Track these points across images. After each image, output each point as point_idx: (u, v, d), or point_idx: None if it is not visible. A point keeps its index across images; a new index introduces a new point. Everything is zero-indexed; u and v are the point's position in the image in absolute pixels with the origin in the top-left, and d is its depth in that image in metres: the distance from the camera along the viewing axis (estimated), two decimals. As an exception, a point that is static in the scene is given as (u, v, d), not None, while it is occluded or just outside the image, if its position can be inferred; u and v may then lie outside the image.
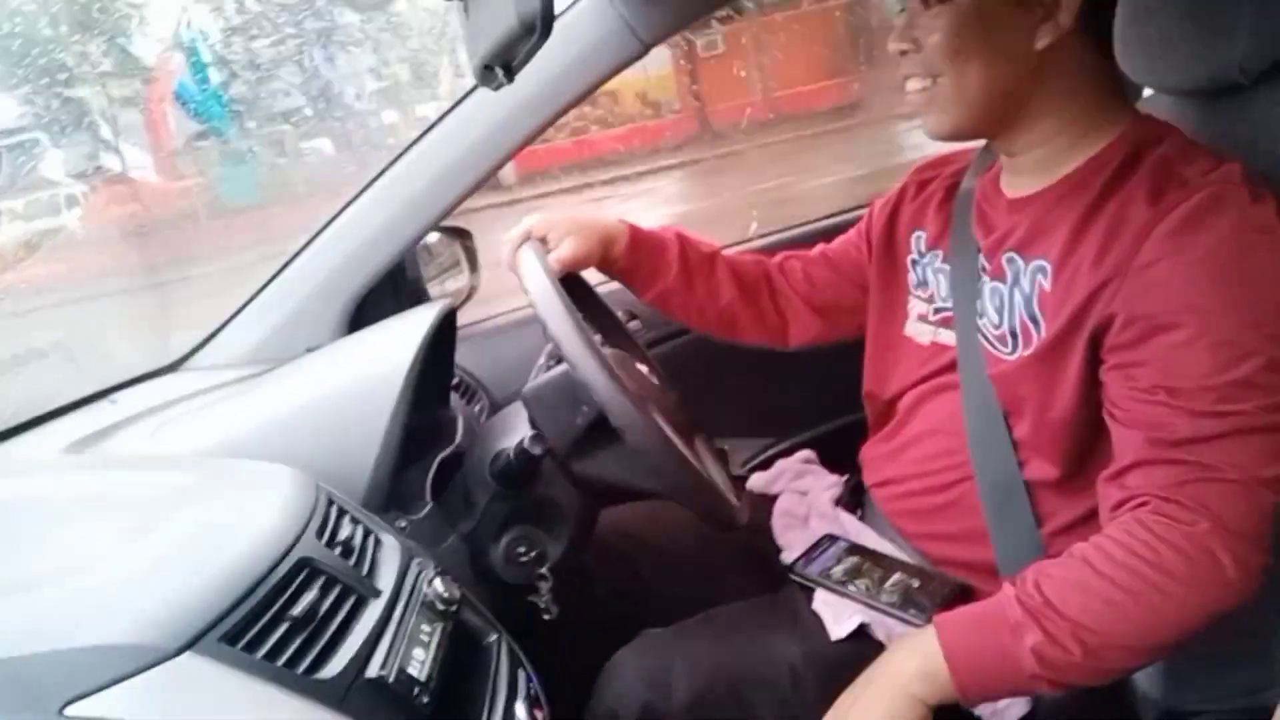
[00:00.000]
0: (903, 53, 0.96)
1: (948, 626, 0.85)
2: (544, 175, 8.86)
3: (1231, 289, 0.81)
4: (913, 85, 0.97)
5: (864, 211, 1.27)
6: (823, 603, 1.02)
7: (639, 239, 1.23)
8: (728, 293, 1.26)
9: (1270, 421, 0.79)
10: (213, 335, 1.35)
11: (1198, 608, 0.80)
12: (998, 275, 0.98)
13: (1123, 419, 0.85)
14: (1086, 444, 0.92)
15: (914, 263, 1.13)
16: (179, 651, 0.63)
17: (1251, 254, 0.82)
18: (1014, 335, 0.95)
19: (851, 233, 1.28)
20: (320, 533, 0.81)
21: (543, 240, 1.16)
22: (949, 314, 1.05)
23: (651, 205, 7.92)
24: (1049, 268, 0.91)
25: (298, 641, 0.69)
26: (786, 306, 1.29)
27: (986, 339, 0.98)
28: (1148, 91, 1.10)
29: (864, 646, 0.97)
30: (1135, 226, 0.85)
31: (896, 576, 1.02)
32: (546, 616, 1.03)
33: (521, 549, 1.02)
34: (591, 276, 1.24)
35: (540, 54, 0.93)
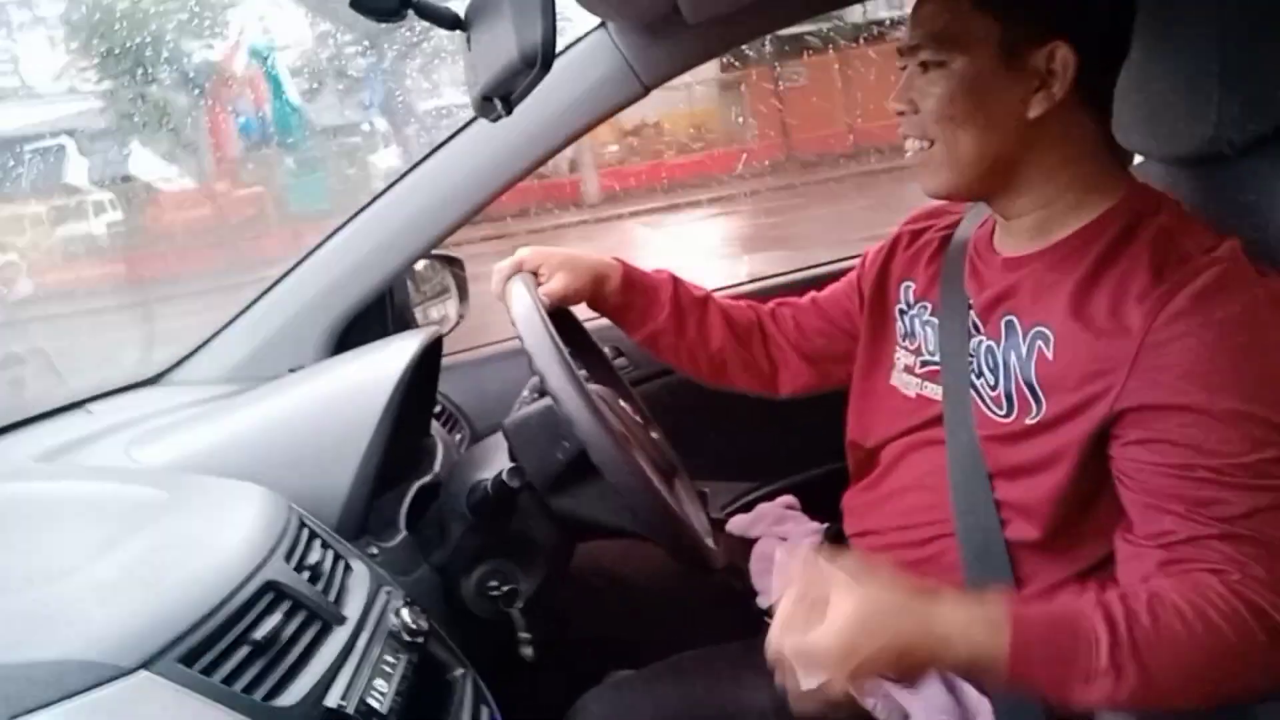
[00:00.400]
0: (900, 113, 0.97)
1: (1024, 630, 0.79)
2: (626, 195, 8.98)
3: (1252, 365, 0.80)
4: (910, 145, 0.98)
5: (849, 261, 1.28)
6: (796, 651, 1.01)
7: (631, 279, 1.23)
8: (719, 337, 1.26)
9: None
10: (196, 350, 1.34)
11: (1263, 677, 0.78)
12: (993, 335, 0.98)
13: (1149, 494, 0.83)
14: (1076, 510, 0.90)
15: (901, 313, 1.13)
16: (133, 670, 0.62)
17: (1265, 329, 0.81)
18: (1009, 399, 0.94)
19: (843, 281, 1.28)
20: (289, 556, 0.80)
21: (534, 273, 1.16)
22: (935, 368, 1.05)
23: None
24: (1051, 336, 0.91)
25: (258, 666, 0.68)
26: (777, 354, 1.29)
27: (982, 399, 0.98)
28: (1138, 158, 1.12)
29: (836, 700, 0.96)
30: (1141, 302, 0.84)
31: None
32: (526, 655, 1.01)
33: (494, 583, 1.01)
34: (580, 313, 1.24)
35: (540, 90, 0.94)
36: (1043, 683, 0.80)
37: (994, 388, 0.96)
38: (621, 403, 1.09)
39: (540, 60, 0.65)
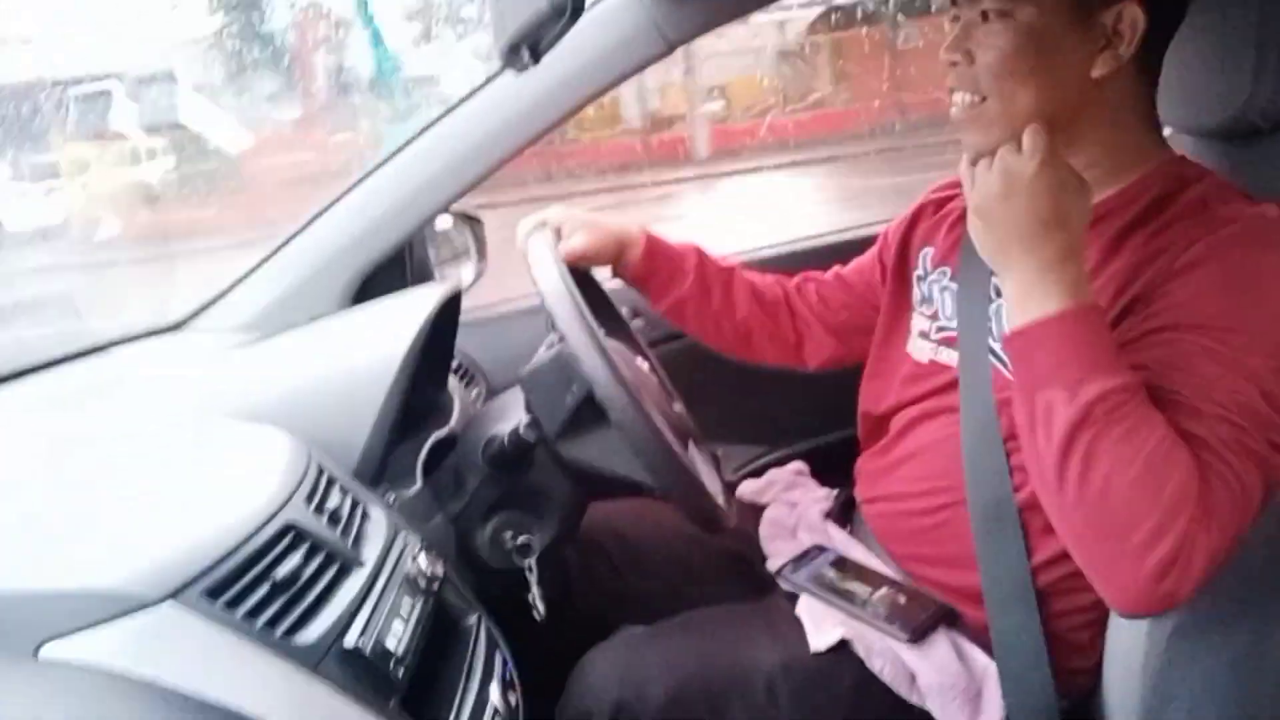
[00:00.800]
0: (953, 63, 0.93)
1: (1085, 313, 0.79)
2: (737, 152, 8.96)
3: (1257, 310, 0.79)
4: (958, 99, 0.94)
5: (873, 226, 1.27)
6: (805, 611, 1.02)
7: (655, 247, 1.23)
8: (744, 308, 1.26)
9: (1267, 447, 0.77)
10: (217, 298, 1.35)
11: (1118, 570, 0.76)
12: None
13: (1166, 377, 0.80)
14: None
15: (919, 279, 1.13)
16: (160, 601, 0.63)
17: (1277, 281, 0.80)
18: None
19: (867, 255, 1.28)
20: (309, 499, 0.81)
21: (556, 232, 1.16)
22: (952, 334, 1.05)
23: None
24: None
25: (278, 604, 0.70)
26: (804, 327, 1.29)
27: (1001, 360, 0.98)
28: (1167, 130, 1.10)
29: (843, 661, 0.97)
30: (1164, 252, 0.84)
31: (883, 591, 1.02)
32: (536, 614, 1.02)
33: (508, 534, 1.02)
34: (600, 278, 1.24)
35: (565, 46, 0.93)
36: (1046, 355, 0.79)
37: None
38: (638, 360, 1.09)
39: (570, 7, 0.65)
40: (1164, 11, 0.89)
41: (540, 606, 1.02)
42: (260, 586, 0.70)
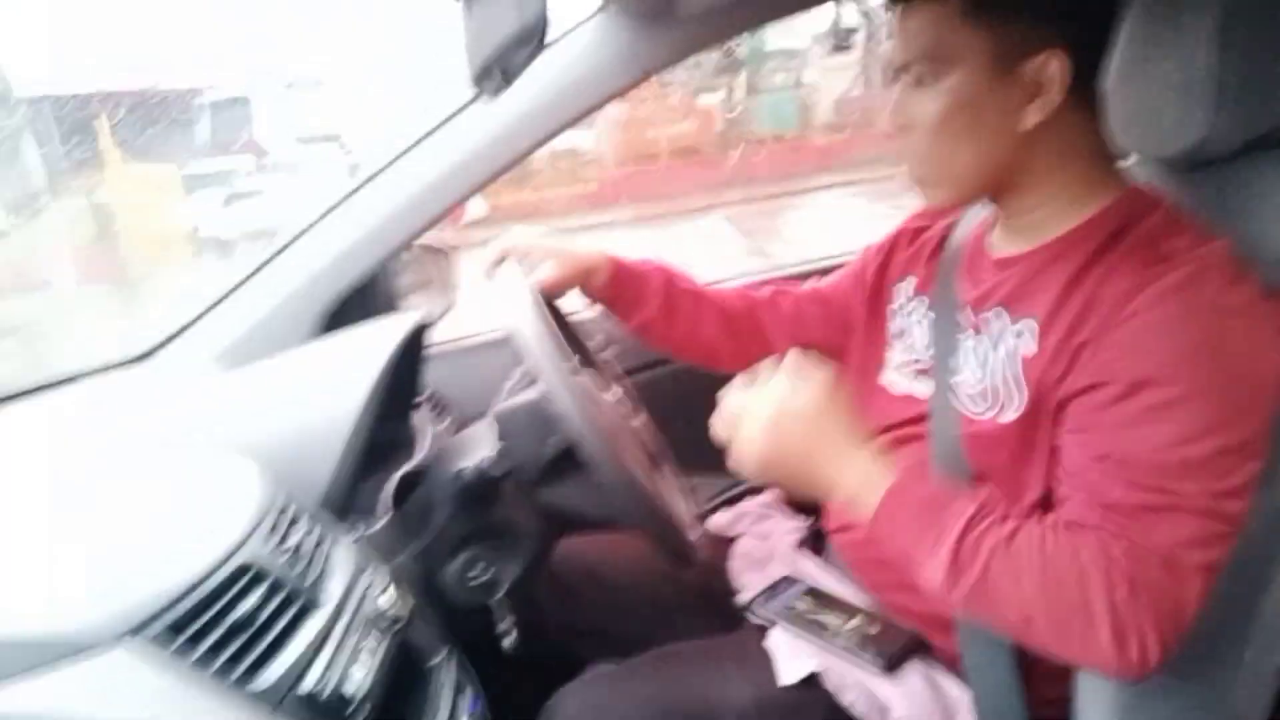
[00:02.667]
0: (897, 129, 0.95)
1: (896, 500, 0.84)
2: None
3: (1197, 366, 0.80)
4: (905, 162, 0.96)
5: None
6: (776, 645, 1.01)
7: (621, 270, 1.24)
8: (710, 328, 1.27)
9: (1211, 507, 0.78)
10: (183, 329, 1.33)
11: (1089, 657, 0.78)
12: (980, 331, 0.98)
13: (1067, 480, 0.85)
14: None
15: (894, 312, 1.14)
16: (110, 645, 0.62)
17: (1222, 335, 0.81)
18: (992, 394, 0.94)
19: (845, 272, 1.27)
20: (270, 535, 0.80)
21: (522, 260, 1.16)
22: (927, 366, 1.05)
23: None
24: (1035, 329, 0.91)
25: (235, 646, 0.68)
26: (773, 344, 1.28)
27: (960, 397, 0.98)
28: (1132, 158, 1.11)
29: (814, 694, 0.96)
30: (1114, 296, 0.84)
31: (855, 621, 1.01)
32: (506, 645, 1.01)
33: (475, 570, 1.01)
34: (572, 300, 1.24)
35: (539, 73, 0.93)
36: (895, 548, 0.85)
37: (977, 384, 0.96)
38: (607, 395, 1.08)
39: (541, 33, 0.65)
40: (1088, 52, 0.90)
41: (510, 640, 1.00)
42: (217, 627, 0.68)
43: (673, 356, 1.31)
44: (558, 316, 1.21)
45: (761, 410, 0.87)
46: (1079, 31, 0.89)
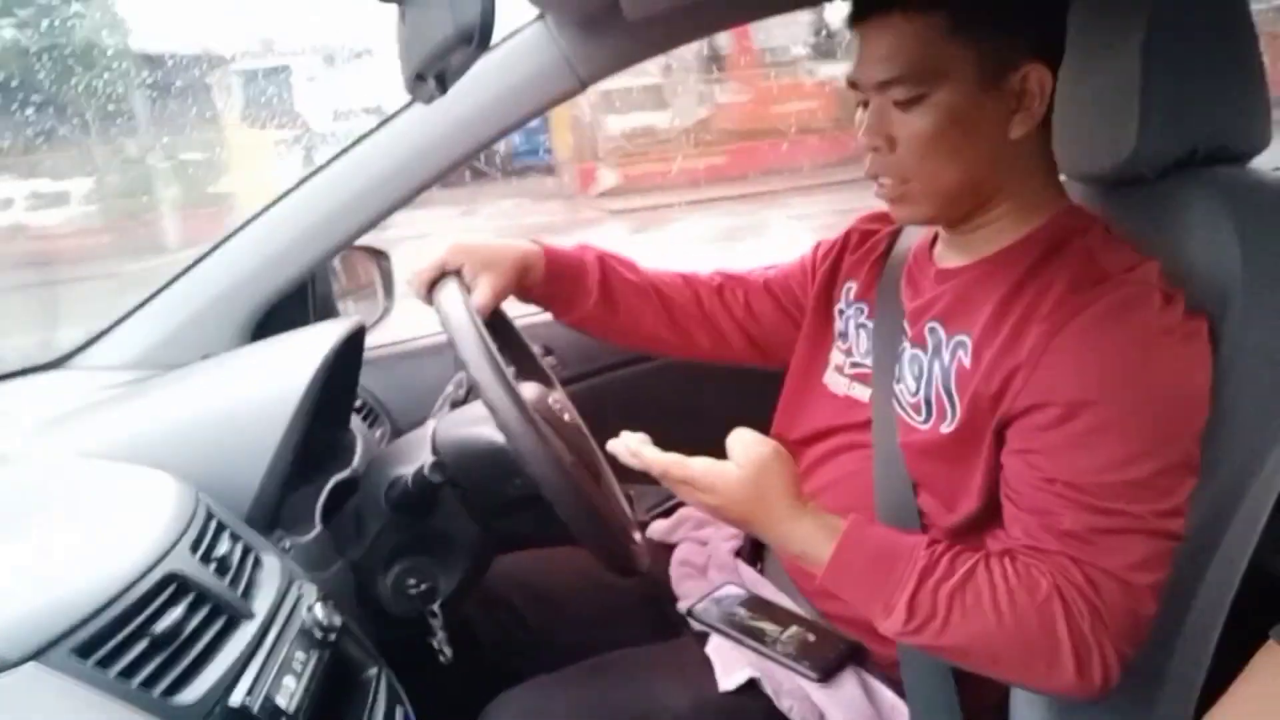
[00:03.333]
0: (874, 149, 0.94)
1: (850, 545, 0.86)
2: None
3: (1137, 388, 0.82)
4: (882, 181, 0.95)
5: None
6: (715, 651, 1.00)
7: (556, 265, 1.20)
8: (651, 318, 1.25)
9: (1158, 527, 0.81)
10: (103, 333, 1.28)
11: (1052, 684, 0.82)
12: (919, 342, 0.99)
13: (1016, 502, 0.86)
14: (989, 523, 0.92)
15: (840, 313, 1.14)
16: (20, 662, 0.59)
17: (1158, 356, 0.83)
18: (928, 405, 0.96)
19: (795, 265, 1.27)
20: (195, 546, 0.77)
21: (457, 273, 1.13)
22: (866, 371, 1.06)
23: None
24: (969, 344, 0.92)
25: (158, 660, 0.65)
26: (718, 334, 1.27)
27: (901, 405, 0.99)
28: (1061, 176, 1.14)
29: (753, 700, 0.96)
30: (1051, 315, 0.86)
31: (793, 629, 1.02)
32: (442, 658, 0.99)
33: (411, 581, 0.98)
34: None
35: (477, 80, 0.92)
36: (849, 600, 0.87)
37: (914, 394, 0.98)
38: (550, 400, 1.07)
39: (477, 37, 0.63)
40: (1058, 65, 0.92)
41: (446, 651, 0.98)
42: (138, 642, 0.65)
43: (615, 345, 1.29)
44: (503, 323, 1.19)
45: (707, 486, 0.90)
46: (1053, 43, 0.91)
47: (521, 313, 1.26)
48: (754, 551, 1.19)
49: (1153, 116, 0.92)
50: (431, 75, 0.72)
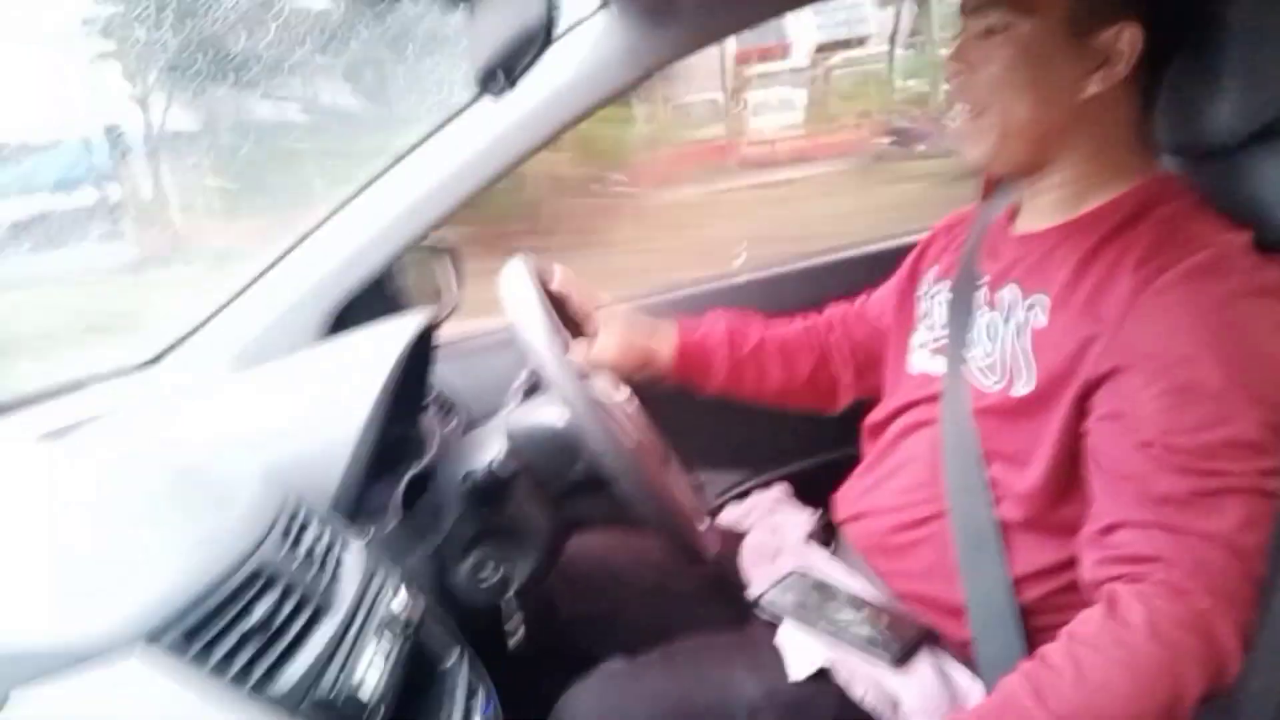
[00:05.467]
0: (956, 74, 0.96)
1: None
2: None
3: (1230, 346, 0.80)
4: (958, 110, 0.97)
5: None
6: (786, 639, 1.01)
7: (686, 350, 1.26)
8: (777, 376, 1.29)
9: (1258, 485, 0.78)
10: (192, 333, 1.34)
11: (1204, 681, 0.77)
12: (994, 306, 0.98)
13: (1109, 470, 0.84)
14: (1061, 492, 0.91)
15: (920, 298, 1.15)
16: (125, 653, 0.62)
17: (1251, 313, 0.81)
18: (1002, 367, 0.95)
19: (889, 283, 1.29)
20: (283, 540, 0.80)
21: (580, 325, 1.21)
22: (944, 342, 1.06)
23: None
24: (1048, 303, 0.91)
25: (250, 651, 0.68)
26: (837, 373, 1.30)
27: (973, 370, 0.98)
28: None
29: (824, 688, 0.96)
30: (1135, 274, 0.84)
31: (864, 614, 1.02)
32: (513, 645, 1.01)
33: (486, 570, 1.01)
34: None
35: (542, 71, 0.93)
36: None
37: (988, 355, 0.97)
38: (616, 395, 1.09)
39: (543, 33, 0.65)
40: (1163, 33, 0.90)
41: (518, 639, 1.01)
42: (232, 634, 0.68)
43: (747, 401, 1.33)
44: (566, 320, 1.21)
45: None
46: (1158, 9, 0.89)
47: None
48: (824, 536, 1.19)
49: (1234, 84, 0.89)
50: (500, 70, 0.74)
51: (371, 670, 0.74)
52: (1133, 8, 0.88)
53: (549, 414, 1.02)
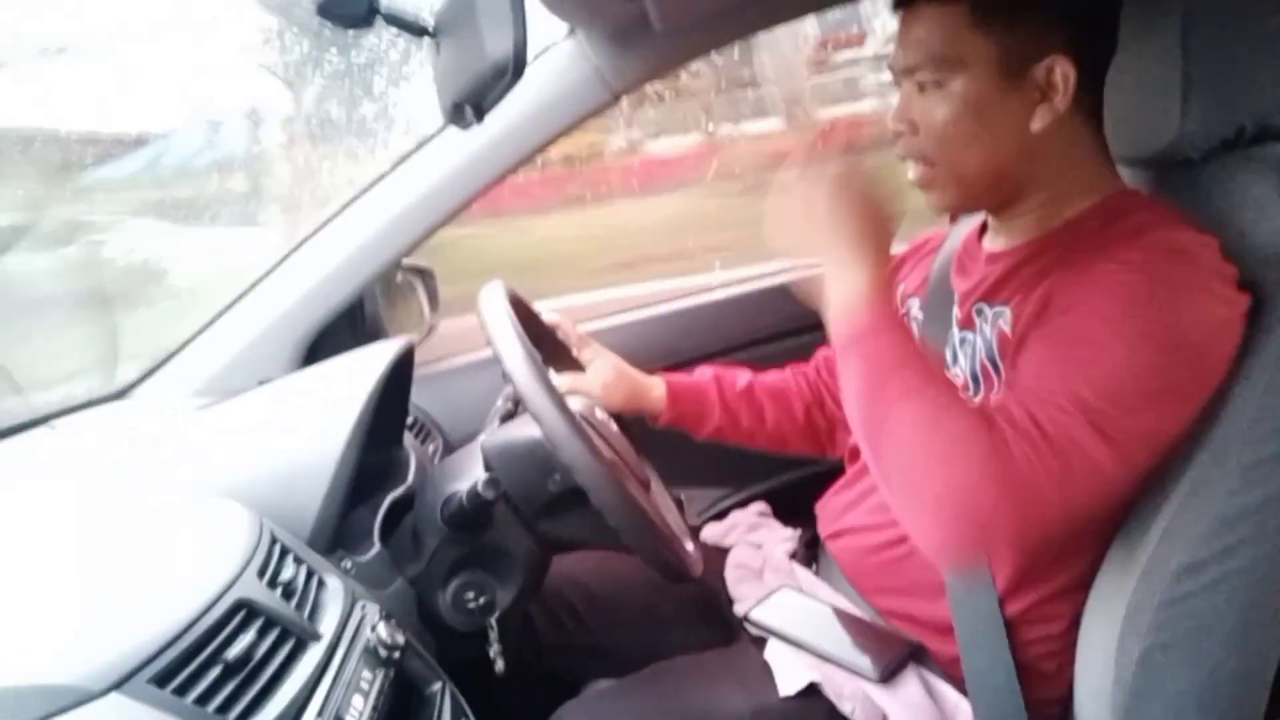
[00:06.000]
0: (898, 133, 0.96)
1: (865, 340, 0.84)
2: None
3: (1153, 312, 0.79)
4: (911, 167, 0.97)
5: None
6: (774, 655, 1.01)
7: (676, 394, 1.26)
8: (772, 416, 1.29)
9: (1118, 439, 0.78)
10: (161, 364, 1.32)
11: (956, 484, 0.77)
12: (967, 325, 0.99)
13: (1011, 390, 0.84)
14: None
15: None
16: (104, 693, 0.61)
17: (1190, 304, 0.80)
18: (975, 380, 0.96)
19: None
20: (261, 572, 0.79)
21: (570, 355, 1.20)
22: None
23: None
24: (1009, 313, 0.92)
25: (231, 686, 0.67)
26: (831, 411, 1.30)
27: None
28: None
29: (813, 705, 0.96)
30: (1090, 260, 0.85)
31: (850, 630, 1.01)
32: (498, 669, 1.00)
33: (470, 595, 1.00)
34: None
35: (512, 98, 0.93)
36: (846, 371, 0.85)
37: (962, 374, 0.98)
38: (596, 414, 1.08)
39: (512, 68, 0.65)
40: (1092, 56, 0.91)
41: (500, 664, 1.00)
42: (211, 669, 0.67)
43: (745, 446, 1.33)
44: (540, 327, 1.21)
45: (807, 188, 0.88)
46: (1082, 36, 0.90)
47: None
48: (807, 554, 1.19)
49: (1196, 96, 0.90)
50: (468, 104, 0.74)
51: (357, 698, 0.73)
52: (1058, 40, 0.89)
53: (522, 428, 1.02)
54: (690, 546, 1.01)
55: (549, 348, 1.22)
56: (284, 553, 0.84)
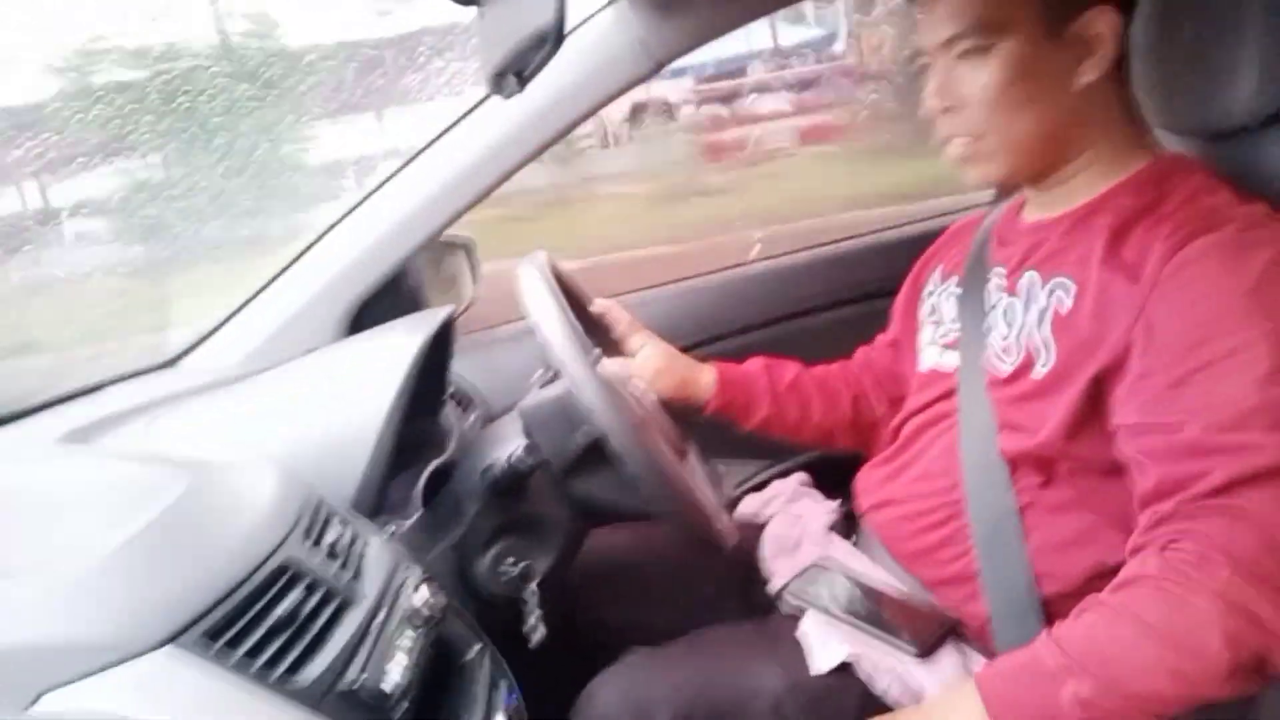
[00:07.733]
0: (944, 110, 0.94)
1: (987, 681, 0.82)
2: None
3: (1265, 318, 0.78)
4: (956, 143, 0.95)
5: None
6: (809, 631, 1.01)
7: (727, 381, 1.26)
8: (819, 409, 1.29)
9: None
10: (209, 334, 1.35)
11: (1232, 650, 0.74)
12: (1014, 293, 0.98)
13: (1143, 451, 0.82)
14: (1066, 447, 0.90)
15: (926, 296, 1.15)
16: (158, 646, 0.63)
17: (1276, 282, 0.80)
18: (1020, 350, 0.94)
19: (895, 305, 1.29)
20: (306, 535, 0.81)
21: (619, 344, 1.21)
22: (956, 336, 1.05)
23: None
24: (1072, 287, 0.90)
25: (277, 643, 0.69)
26: (875, 406, 1.30)
27: (990, 355, 0.98)
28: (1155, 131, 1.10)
29: (848, 680, 0.96)
30: (1161, 247, 0.84)
31: (887, 606, 1.01)
32: (536, 637, 1.02)
33: (508, 562, 1.01)
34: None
35: (552, 67, 0.93)
36: (1032, 712, 0.79)
37: (1005, 338, 0.96)
38: (631, 385, 1.09)
39: (554, 35, 0.65)
40: (1129, 5, 0.89)
41: (539, 632, 1.01)
42: (258, 627, 0.69)
43: (795, 444, 1.33)
44: (580, 308, 1.21)
45: None
46: None
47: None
48: (846, 527, 1.19)
49: (1253, 62, 0.88)
50: (511, 73, 0.74)
51: (395, 662, 0.74)
52: None
53: (557, 389, 1.03)
54: (723, 519, 1.01)
55: (599, 335, 1.22)
56: (329, 517, 0.86)
